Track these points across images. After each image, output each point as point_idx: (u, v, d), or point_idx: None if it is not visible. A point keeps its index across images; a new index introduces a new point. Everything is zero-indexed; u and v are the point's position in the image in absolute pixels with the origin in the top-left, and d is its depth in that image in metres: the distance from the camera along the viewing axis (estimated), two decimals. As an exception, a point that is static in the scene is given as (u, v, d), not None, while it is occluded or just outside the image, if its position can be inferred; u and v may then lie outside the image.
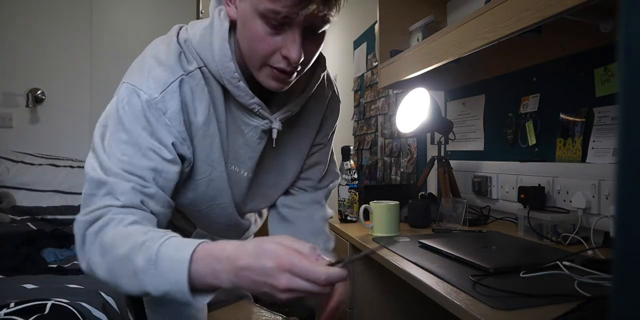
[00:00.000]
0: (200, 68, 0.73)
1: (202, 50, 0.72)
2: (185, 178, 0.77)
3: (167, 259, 0.54)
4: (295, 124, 0.87)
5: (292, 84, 0.74)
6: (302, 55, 0.67)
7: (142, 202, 0.65)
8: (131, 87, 0.68)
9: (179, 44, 0.73)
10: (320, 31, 0.68)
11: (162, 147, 0.67)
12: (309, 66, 0.73)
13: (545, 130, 1.28)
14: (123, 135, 0.66)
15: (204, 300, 0.56)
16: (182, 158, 0.72)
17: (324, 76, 0.87)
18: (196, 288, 0.54)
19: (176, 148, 0.70)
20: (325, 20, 0.66)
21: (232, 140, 0.79)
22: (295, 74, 0.71)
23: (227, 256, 0.53)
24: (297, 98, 0.82)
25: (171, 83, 0.69)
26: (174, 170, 0.69)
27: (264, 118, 0.78)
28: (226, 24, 0.71)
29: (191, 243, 0.55)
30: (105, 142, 0.67)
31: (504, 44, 0.98)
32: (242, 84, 0.72)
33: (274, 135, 0.79)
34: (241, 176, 0.83)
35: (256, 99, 0.75)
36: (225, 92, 0.75)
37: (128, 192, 0.63)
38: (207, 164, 0.77)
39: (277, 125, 0.79)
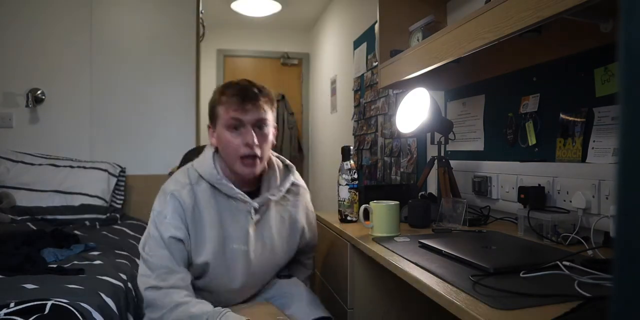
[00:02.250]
0: (201, 176, 1.13)
1: (199, 167, 1.15)
2: (200, 256, 1.10)
3: None
4: (275, 209, 1.21)
5: (259, 169, 1.12)
6: (256, 140, 1.08)
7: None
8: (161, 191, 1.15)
9: (187, 168, 1.18)
10: (264, 130, 1.10)
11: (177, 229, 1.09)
12: (267, 154, 1.13)
13: (545, 130, 1.28)
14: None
15: None
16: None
17: (294, 182, 1.24)
18: None
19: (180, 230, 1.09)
20: (263, 122, 1.10)
21: (227, 223, 1.12)
22: (259, 160, 1.10)
23: None
24: (272, 189, 1.17)
25: (184, 186, 1.12)
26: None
27: (245, 202, 1.13)
28: (210, 151, 1.16)
29: None
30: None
31: (504, 44, 0.98)
32: (224, 181, 1.11)
33: (253, 214, 1.14)
34: (241, 251, 1.13)
35: (237, 190, 1.11)
36: (217, 191, 1.12)
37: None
38: (218, 243, 1.11)
39: (255, 205, 1.14)
